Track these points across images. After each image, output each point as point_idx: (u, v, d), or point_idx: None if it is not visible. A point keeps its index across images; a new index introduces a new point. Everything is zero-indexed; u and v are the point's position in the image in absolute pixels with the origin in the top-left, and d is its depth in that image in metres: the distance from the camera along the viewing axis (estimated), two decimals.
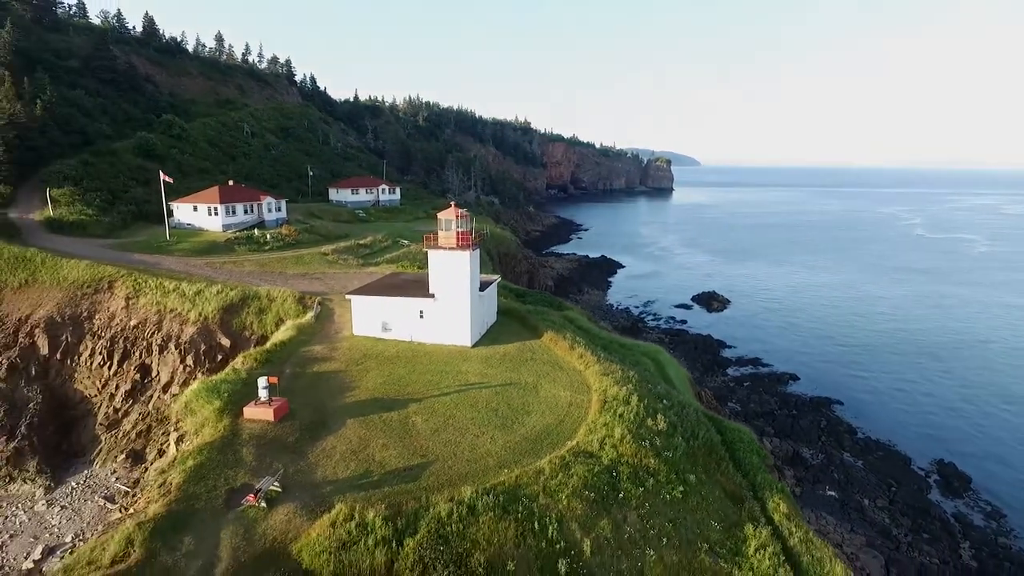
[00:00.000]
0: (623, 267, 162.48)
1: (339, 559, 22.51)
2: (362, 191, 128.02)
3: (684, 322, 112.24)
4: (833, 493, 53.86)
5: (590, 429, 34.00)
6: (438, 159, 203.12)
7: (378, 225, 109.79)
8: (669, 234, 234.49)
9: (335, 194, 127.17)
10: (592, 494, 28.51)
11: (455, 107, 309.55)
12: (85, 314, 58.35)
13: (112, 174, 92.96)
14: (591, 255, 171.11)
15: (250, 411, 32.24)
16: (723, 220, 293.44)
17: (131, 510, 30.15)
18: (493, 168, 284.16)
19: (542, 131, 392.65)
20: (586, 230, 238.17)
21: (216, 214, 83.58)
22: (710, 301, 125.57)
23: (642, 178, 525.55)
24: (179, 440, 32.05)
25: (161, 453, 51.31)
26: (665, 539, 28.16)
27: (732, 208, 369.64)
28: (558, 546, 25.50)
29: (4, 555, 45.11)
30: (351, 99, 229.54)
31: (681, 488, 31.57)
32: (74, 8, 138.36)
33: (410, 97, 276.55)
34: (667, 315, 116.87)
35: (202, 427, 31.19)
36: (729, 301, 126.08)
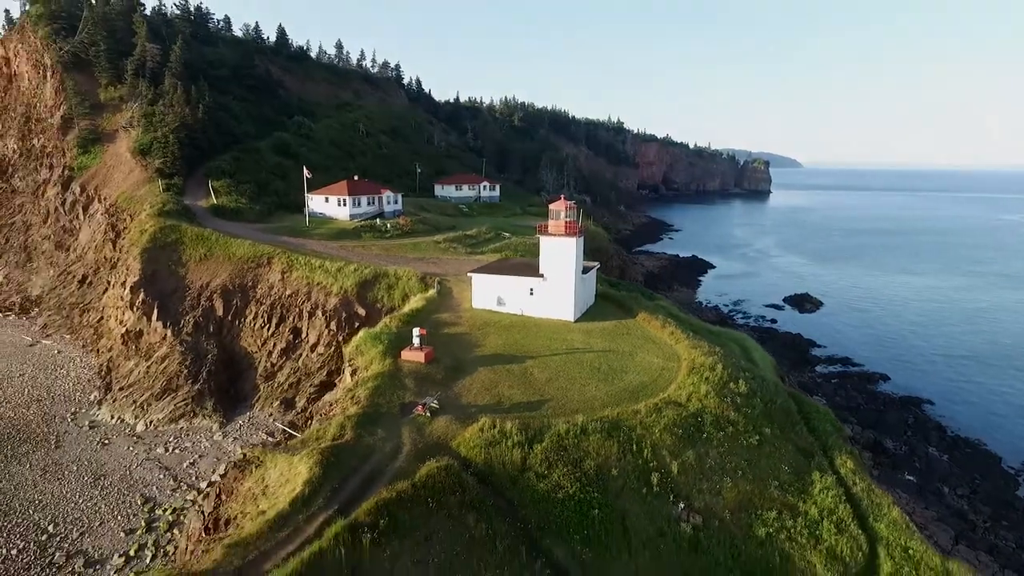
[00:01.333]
0: (714, 267, 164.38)
1: (487, 453, 30.67)
2: (464, 187, 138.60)
3: (774, 321, 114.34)
4: (912, 478, 56.83)
5: (679, 387, 40.58)
6: (533, 158, 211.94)
7: (480, 219, 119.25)
8: (764, 236, 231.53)
9: (440, 190, 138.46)
10: (680, 431, 35.27)
11: (549, 107, 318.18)
12: (250, 284, 70.93)
13: (257, 169, 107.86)
14: (681, 254, 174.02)
15: (406, 354, 41.41)
16: (823, 224, 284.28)
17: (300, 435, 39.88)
18: (585, 168, 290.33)
19: (635, 131, 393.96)
20: (677, 230, 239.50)
21: (345, 205, 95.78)
22: (802, 302, 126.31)
23: (737, 180, 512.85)
24: (353, 372, 41.59)
25: (310, 401, 62.49)
26: (740, 472, 34.47)
27: (834, 212, 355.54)
28: (651, 464, 32.54)
29: (197, 470, 57.27)
30: (452, 100, 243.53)
31: (757, 437, 37.60)
32: (221, 23, 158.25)
33: (506, 98, 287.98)
34: (756, 314, 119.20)
35: (371, 363, 40.59)
36: (822, 303, 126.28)
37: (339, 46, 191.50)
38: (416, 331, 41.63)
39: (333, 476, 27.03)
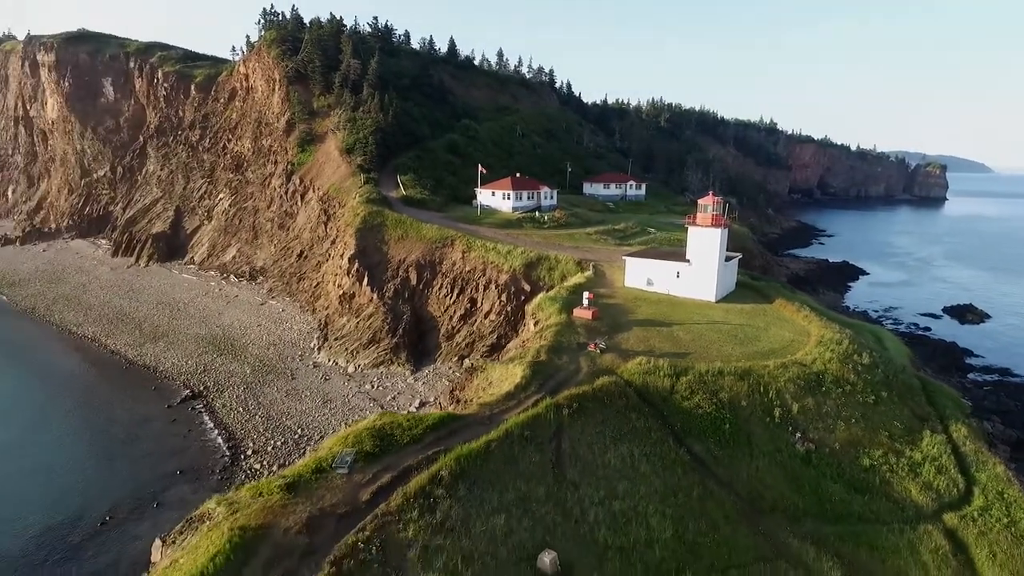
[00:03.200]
0: (867, 274, 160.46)
1: (644, 379, 41.47)
2: (612, 186, 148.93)
3: (927, 329, 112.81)
4: None
5: (806, 353, 48.58)
6: (679, 159, 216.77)
7: (626, 215, 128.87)
8: (930, 245, 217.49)
9: (588, 187, 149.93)
10: (802, 383, 43.71)
11: (697, 108, 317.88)
12: (437, 260, 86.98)
13: (433, 166, 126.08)
14: (831, 259, 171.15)
15: (577, 312, 53.32)
16: (1006, 235, 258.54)
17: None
18: (733, 169, 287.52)
19: (789, 132, 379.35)
20: (829, 236, 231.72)
21: (508, 199, 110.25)
22: (964, 313, 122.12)
23: (906, 185, 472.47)
24: (535, 323, 54.21)
25: (479, 370, 76.52)
26: (853, 420, 42.24)
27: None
28: (775, 402, 41.51)
29: (397, 403, 73.37)
30: (600, 102, 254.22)
31: (873, 398, 44.84)
32: (402, 37, 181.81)
33: (653, 100, 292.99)
34: (909, 321, 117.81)
35: (550, 316, 52.95)
36: (988, 316, 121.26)
37: (500, 54, 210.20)
38: (586, 294, 53.44)
39: (537, 378, 39.43)
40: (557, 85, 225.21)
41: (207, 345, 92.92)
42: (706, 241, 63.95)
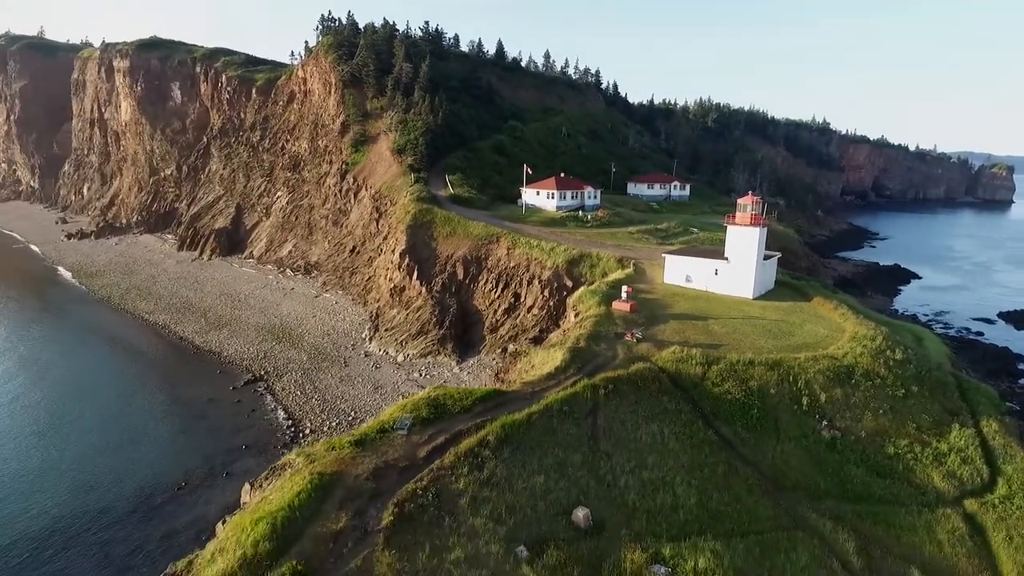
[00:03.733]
0: (919, 277, 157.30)
1: (677, 366, 44.25)
2: (656, 186, 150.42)
3: (980, 334, 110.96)
4: None
5: (838, 348, 50.39)
6: (726, 159, 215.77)
7: (669, 215, 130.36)
8: (991, 250, 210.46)
9: (632, 187, 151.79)
10: (831, 375, 45.70)
11: (746, 108, 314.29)
12: (483, 256, 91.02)
13: (480, 166, 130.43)
14: (882, 262, 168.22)
15: (616, 304, 56.33)
16: None
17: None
18: (782, 170, 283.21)
19: (842, 132, 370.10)
20: (882, 239, 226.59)
21: (553, 198, 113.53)
22: (1022, 319, 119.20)
23: (969, 187, 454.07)
24: (576, 315, 57.46)
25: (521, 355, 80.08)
26: (881, 411, 44.04)
27: None
28: (803, 392, 43.71)
29: None
30: (646, 103, 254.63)
31: (903, 391, 46.44)
32: (452, 40, 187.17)
33: (701, 100, 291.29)
34: (960, 325, 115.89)
35: (589, 308, 56.13)
36: None
37: (547, 56, 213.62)
38: (624, 288, 56.43)
39: (576, 362, 42.78)
40: (603, 86, 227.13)
41: (266, 334, 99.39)
42: (745, 239, 65.91)
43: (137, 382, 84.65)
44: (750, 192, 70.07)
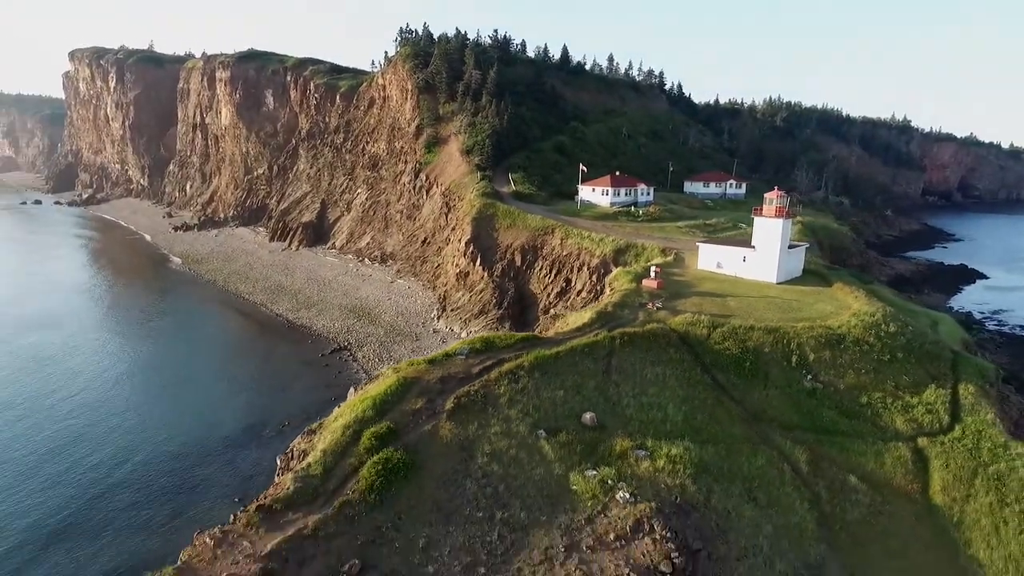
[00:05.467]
0: (985, 278, 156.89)
1: (686, 328, 54.32)
2: (712, 184, 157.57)
3: None
4: None
5: (836, 320, 58.83)
6: (790, 159, 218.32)
7: (722, 212, 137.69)
8: None
9: (689, 186, 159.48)
10: (823, 339, 54.49)
11: (819, 106, 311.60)
12: (539, 245, 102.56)
13: (541, 165, 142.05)
14: (948, 262, 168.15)
15: (645, 282, 66.67)
16: None
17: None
18: (856, 170, 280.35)
19: (925, 130, 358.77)
20: (958, 240, 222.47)
21: (607, 195, 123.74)
22: None
23: None
24: (612, 291, 68.14)
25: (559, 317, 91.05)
26: (863, 371, 52.54)
27: None
28: (794, 352, 52.82)
29: None
30: (712, 103, 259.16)
31: (888, 356, 54.59)
32: (519, 46, 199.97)
33: (770, 98, 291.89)
34: (1015, 323, 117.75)
35: (623, 285, 66.69)
36: None
37: (610, 59, 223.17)
38: (653, 268, 66.67)
39: (601, 321, 53.72)
40: (667, 87, 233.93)
41: (348, 313, 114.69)
42: (769, 229, 74.49)
43: (244, 347, 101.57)
44: (775, 188, 78.35)
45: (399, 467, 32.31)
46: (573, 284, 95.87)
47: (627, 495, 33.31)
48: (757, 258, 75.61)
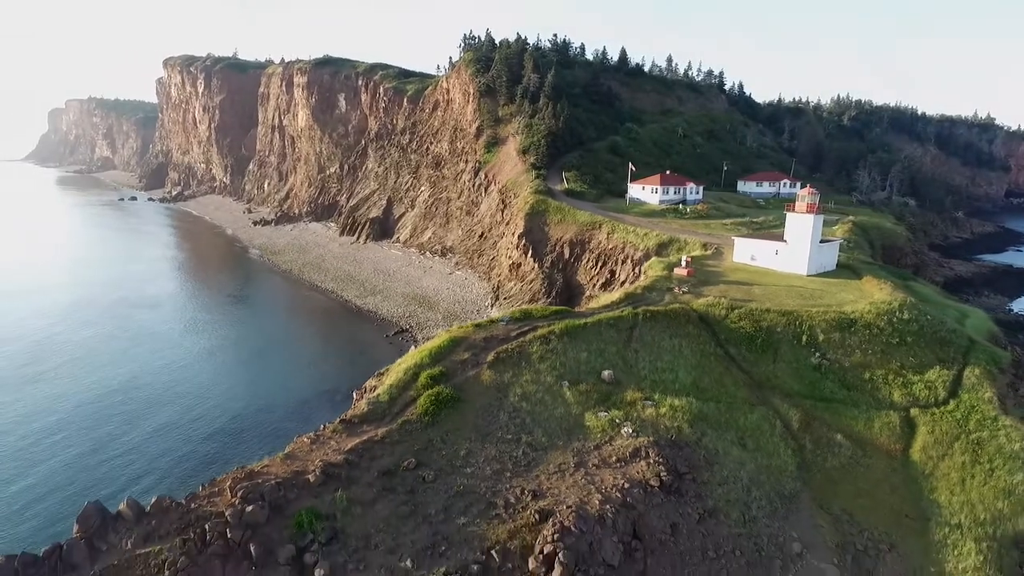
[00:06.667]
0: None
1: (706, 309, 61.22)
2: (765, 184, 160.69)
3: None
4: None
5: (852, 307, 64.21)
6: (854, 158, 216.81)
7: (772, 211, 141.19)
8: None
9: (742, 185, 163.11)
10: (835, 323, 60.21)
11: (891, 104, 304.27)
12: (587, 239, 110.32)
13: (594, 164, 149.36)
14: (1016, 264, 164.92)
15: (677, 270, 73.67)
16: None
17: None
18: (931, 170, 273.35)
19: (1011, 128, 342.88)
20: None
21: (656, 192, 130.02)
22: None
23: None
24: (645, 277, 75.45)
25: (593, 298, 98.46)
26: (871, 352, 58.02)
27: None
28: (805, 332, 58.87)
29: None
30: (774, 102, 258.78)
31: (897, 340, 59.74)
32: (578, 49, 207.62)
33: (839, 96, 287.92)
34: None
35: (656, 272, 73.91)
36: None
37: (669, 60, 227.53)
38: (685, 257, 73.56)
39: (629, 300, 61.39)
40: (727, 87, 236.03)
41: (410, 300, 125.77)
42: (801, 225, 79.83)
43: (317, 327, 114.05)
44: (808, 186, 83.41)
45: (448, 399, 41.43)
46: (617, 275, 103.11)
47: (630, 431, 41.22)
48: (788, 251, 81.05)
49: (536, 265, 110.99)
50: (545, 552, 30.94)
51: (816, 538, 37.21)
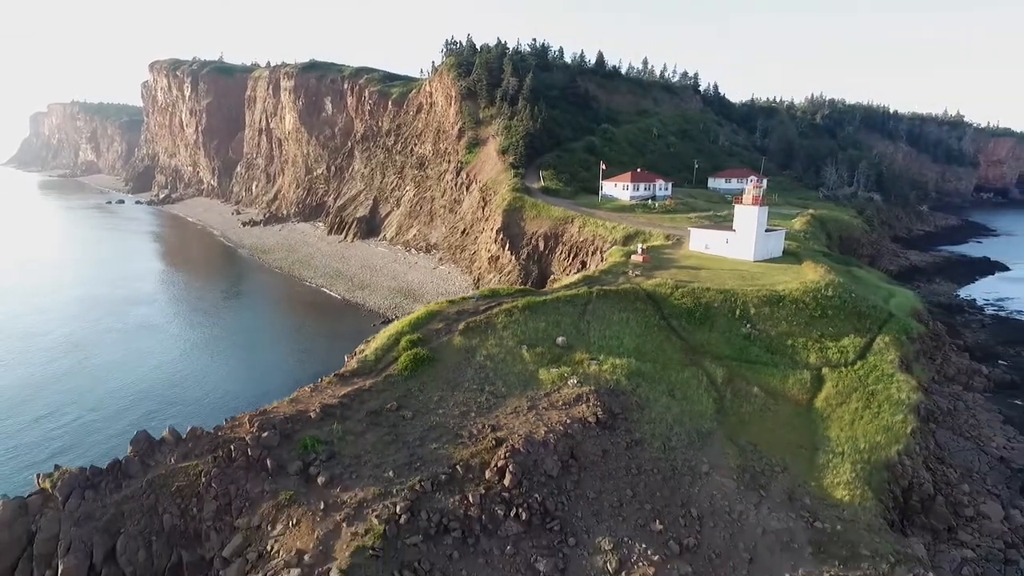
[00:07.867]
0: (1006, 270, 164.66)
1: (654, 288, 70.52)
2: (733, 180, 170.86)
3: None
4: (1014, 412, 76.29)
5: (783, 286, 73.75)
6: (824, 156, 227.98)
7: None
8: None
9: (712, 182, 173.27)
10: (765, 299, 69.72)
11: (864, 103, 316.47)
12: (560, 233, 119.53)
13: (571, 163, 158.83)
14: (972, 255, 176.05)
15: (634, 257, 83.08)
16: None
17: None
18: (904, 167, 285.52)
19: (980, 125, 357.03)
20: (996, 235, 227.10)
21: (627, 189, 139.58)
22: None
23: None
24: (603, 263, 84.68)
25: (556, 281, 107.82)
26: (795, 322, 67.53)
27: None
28: (739, 307, 68.30)
29: None
30: (747, 102, 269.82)
31: (819, 313, 69.30)
32: (556, 52, 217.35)
33: (812, 95, 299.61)
34: (1014, 309, 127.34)
35: (615, 259, 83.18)
36: None
37: (645, 62, 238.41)
38: (640, 245, 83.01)
39: (586, 282, 70.61)
40: (702, 88, 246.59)
41: (396, 293, 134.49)
42: (747, 215, 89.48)
43: (307, 319, 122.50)
44: (753, 180, 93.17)
45: (424, 359, 50.39)
46: (587, 265, 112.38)
47: (575, 382, 50.37)
48: (737, 240, 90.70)
49: (513, 257, 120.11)
50: (499, 466, 39.97)
51: (722, 462, 46.40)
